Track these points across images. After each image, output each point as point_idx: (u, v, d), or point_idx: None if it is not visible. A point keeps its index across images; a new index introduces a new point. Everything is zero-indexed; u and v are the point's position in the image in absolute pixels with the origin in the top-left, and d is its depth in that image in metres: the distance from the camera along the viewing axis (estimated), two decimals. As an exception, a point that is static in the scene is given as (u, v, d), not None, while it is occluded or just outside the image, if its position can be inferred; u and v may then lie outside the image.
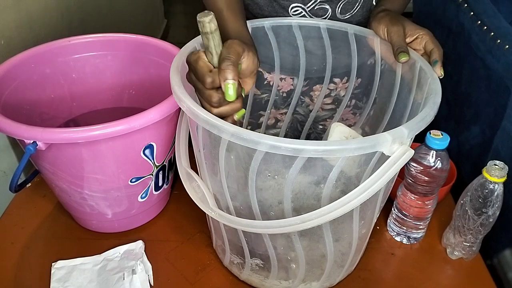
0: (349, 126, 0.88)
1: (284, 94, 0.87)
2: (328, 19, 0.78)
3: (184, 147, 0.65)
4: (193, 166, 0.65)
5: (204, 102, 0.54)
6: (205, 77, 0.51)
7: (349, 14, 0.78)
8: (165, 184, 0.79)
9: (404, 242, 0.78)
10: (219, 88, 0.52)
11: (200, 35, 0.53)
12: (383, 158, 0.50)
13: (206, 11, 0.50)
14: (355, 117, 0.88)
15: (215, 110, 0.53)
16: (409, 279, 0.72)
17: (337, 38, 0.77)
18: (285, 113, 0.89)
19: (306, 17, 0.78)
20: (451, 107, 0.97)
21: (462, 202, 0.70)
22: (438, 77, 0.62)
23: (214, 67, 0.53)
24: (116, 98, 0.89)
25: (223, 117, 0.53)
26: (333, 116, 0.89)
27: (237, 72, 0.51)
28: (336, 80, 0.84)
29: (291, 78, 0.85)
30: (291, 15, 0.78)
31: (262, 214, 0.58)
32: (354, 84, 0.83)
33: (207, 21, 0.50)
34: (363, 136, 0.54)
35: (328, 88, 0.85)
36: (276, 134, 0.92)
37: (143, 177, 0.72)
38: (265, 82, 0.86)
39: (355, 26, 0.75)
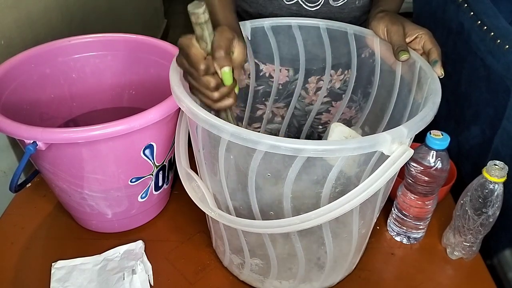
0: (345, 120, 0.88)
1: (280, 86, 0.87)
2: (322, 5, 0.78)
3: (183, 147, 0.65)
4: (193, 166, 0.65)
5: (200, 87, 0.54)
6: (199, 65, 0.52)
7: (341, 1, 0.78)
8: (165, 184, 0.79)
9: (404, 242, 0.78)
10: (214, 73, 0.53)
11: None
12: (383, 158, 0.50)
13: (196, 1, 0.50)
14: (351, 111, 0.88)
15: (216, 94, 0.54)
16: (409, 279, 0.72)
17: (337, 38, 0.77)
18: (282, 107, 0.89)
19: (300, 4, 0.78)
20: (451, 107, 0.97)
21: (462, 202, 0.70)
22: (439, 76, 0.62)
23: (207, 55, 0.54)
24: (116, 98, 0.89)
25: (222, 99, 0.55)
26: (329, 110, 0.89)
27: (231, 58, 0.53)
28: (331, 72, 0.84)
29: (286, 70, 0.84)
30: (285, 1, 0.78)
31: (262, 214, 0.58)
32: (350, 78, 0.83)
33: (201, 12, 0.50)
34: (363, 136, 0.54)
35: (321, 79, 0.85)
36: (275, 129, 0.92)
37: (143, 177, 0.72)
38: (261, 74, 0.85)
39: (354, 26, 0.75)
